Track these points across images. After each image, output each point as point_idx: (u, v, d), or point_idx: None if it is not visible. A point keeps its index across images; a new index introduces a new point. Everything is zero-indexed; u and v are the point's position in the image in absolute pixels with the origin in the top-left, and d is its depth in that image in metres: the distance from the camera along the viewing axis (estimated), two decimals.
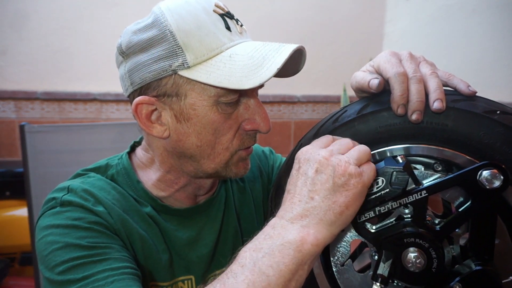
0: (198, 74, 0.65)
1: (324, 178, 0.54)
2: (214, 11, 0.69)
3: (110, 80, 2.42)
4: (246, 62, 0.65)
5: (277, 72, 0.63)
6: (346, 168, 0.53)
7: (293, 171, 0.58)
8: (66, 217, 0.68)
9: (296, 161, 0.59)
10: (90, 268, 0.63)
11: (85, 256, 0.64)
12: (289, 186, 0.58)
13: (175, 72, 0.66)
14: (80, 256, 0.63)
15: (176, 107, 0.69)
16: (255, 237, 0.57)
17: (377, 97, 0.61)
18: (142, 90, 0.70)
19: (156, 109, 0.70)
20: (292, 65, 0.72)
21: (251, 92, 0.71)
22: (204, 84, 0.66)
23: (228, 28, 0.69)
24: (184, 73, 0.66)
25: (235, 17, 0.72)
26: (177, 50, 0.65)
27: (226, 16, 0.70)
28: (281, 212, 0.57)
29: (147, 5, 0.70)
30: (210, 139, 0.70)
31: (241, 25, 0.72)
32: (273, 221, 0.57)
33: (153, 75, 0.67)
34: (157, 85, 0.68)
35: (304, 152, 0.58)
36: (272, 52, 0.65)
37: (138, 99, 0.69)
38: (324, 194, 0.54)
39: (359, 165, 0.55)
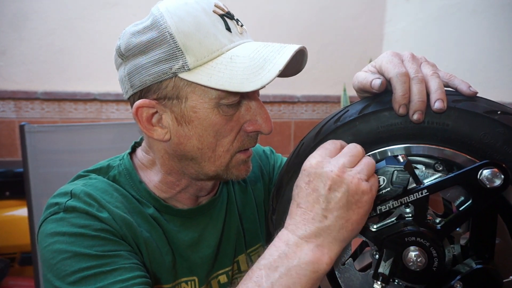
0: (199, 76, 0.65)
1: (338, 196, 0.53)
2: (214, 11, 0.68)
3: (110, 80, 2.42)
4: (247, 64, 0.64)
5: (279, 74, 0.62)
6: (360, 185, 0.53)
7: (302, 184, 0.56)
8: (71, 224, 0.67)
9: (304, 172, 0.56)
10: (101, 279, 0.63)
11: (95, 266, 0.63)
12: (299, 199, 0.56)
13: (175, 74, 0.65)
14: (90, 266, 0.63)
15: (177, 110, 0.68)
16: (268, 253, 0.57)
17: (378, 97, 0.61)
18: (142, 93, 0.70)
19: (156, 112, 0.70)
20: (294, 65, 0.72)
21: (252, 94, 0.71)
22: (205, 86, 0.65)
23: (228, 29, 0.68)
24: (184, 75, 0.65)
25: (235, 17, 0.72)
26: (177, 52, 0.65)
27: (226, 16, 0.69)
28: (292, 226, 0.56)
29: (148, 5, 0.70)
30: (211, 142, 0.69)
31: (241, 25, 0.72)
32: (285, 236, 0.56)
33: (153, 78, 0.67)
34: (157, 88, 0.68)
35: (315, 166, 0.56)
36: (274, 54, 0.65)
37: (138, 102, 0.69)
38: (338, 213, 0.54)
39: (369, 178, 0.55)
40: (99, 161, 0.84)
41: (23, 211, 1.90)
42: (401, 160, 0.56)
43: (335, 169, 0.54)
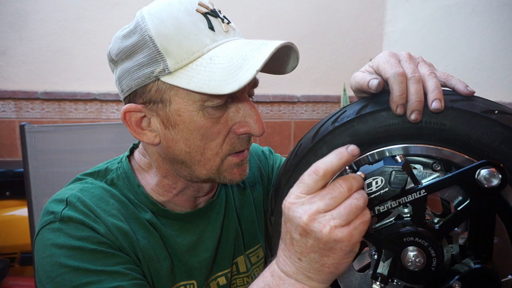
0: (179, 79, 0.63)
1: (310, 243, 0.51)
2: (197, 10, 0.66)
3: (110, 80, 2.41)
4: (226, 64, 0.62)
5: (256, 74, 0.60)
6: (331, 234, 0.49)
7: (282, 221, 0.55)
8: (69, 235, 0.67)
9: (284, 209, 0.53)
10: None
11: (95, 281, 0.64)
12: (282, 234, 0.56)
13: (157, 78, 0.65)
14: (90, 282, 0.64)
15: (162, 113, 0.68)
16: (256, 283, 0.58)
17: (376, 97, 0.61)
18: (130, 97, 0.70)
19: (145, 116, 0.70)
20: (283, 62, 0.70)
21: (241, 94, 0.68)
22: (186, 89, 0.64)
23: (211, 27, 0.66)
24: (166, 79, 0.64)
25: (222, 15, 0.69)
26: (157, 56, 0.64)
27: (210, 14, 0.67)
28: (278, 258, 0.57)
29: (147, 5, 0.70)
30: (198, 145, 0.68)
31: (228, 23, 0.69)
32: (272, 267, 0.58)
33: (137, 82, 0.66)
34: (142, 92, 0.67)
35: (287, 206, 0.52)
36: (253, 52, 0.62)
37: (125, 107, 0.69)
38: (311, 257, 0.52)
39: (349, 222, 0.50)
40: (99, 161, 0.84)
41: (23, 211, 1.90)
42: (399, 160, 0.56)
43: (305, 216, 0.50)
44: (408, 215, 0.58)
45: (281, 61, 0.71)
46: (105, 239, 0.68)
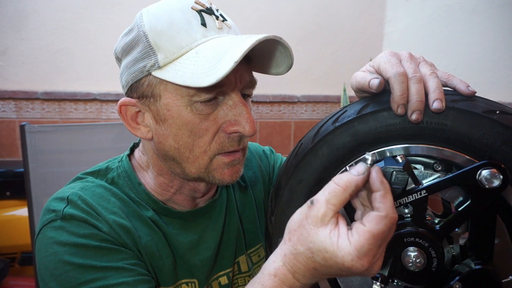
0: (167, 73, 0.64)
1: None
2: (192, 7, 0.67)
3: (110, 80, 2.42)
4: (209, 57, 0.62)
5: (234, 65, 0.58)
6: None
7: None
8: (71, 233, 0.67)
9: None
10: None
11: (100, 278, 0.64)
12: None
13: (149, 72, 0.66)
14: (95, 278, 0.64)
15: (153, 108, 0.69)
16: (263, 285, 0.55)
17: (377, 97, 0.61)
18: (128, 92, 0.71)
19: (140, 110, 0.71)
20: (279, 60, 0.70)
21: (232, 91, 0.68)
22: (172, 83, 0.65)
23: (203, 24, 0.66)
24: (156, 73, 0.66)
25: (218, 13, 0.70)
26: (149, 50, 0.65)
27: (205, 12, 0.68)
28: (299, 276, 0.53)
29: (147, 5, 0.70)
30: (187, 141, 0.68)
31: (223, 20, 0.69)
32: (290, 282, 0.54)
33: (132, 77, 0.68)
34: (136, 86, 0.69)
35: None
36: (236, 45, 0.61)
37: (121, 100, 0.70)
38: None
39: None
40: (99, 161, 0.84)
41: (23, 211, 1.90)
42: (400, 161, 0.56)
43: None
44: (409, 215, 0.58)
45: (275, 59, 0.71)
46: (108, 237, 0.68)
